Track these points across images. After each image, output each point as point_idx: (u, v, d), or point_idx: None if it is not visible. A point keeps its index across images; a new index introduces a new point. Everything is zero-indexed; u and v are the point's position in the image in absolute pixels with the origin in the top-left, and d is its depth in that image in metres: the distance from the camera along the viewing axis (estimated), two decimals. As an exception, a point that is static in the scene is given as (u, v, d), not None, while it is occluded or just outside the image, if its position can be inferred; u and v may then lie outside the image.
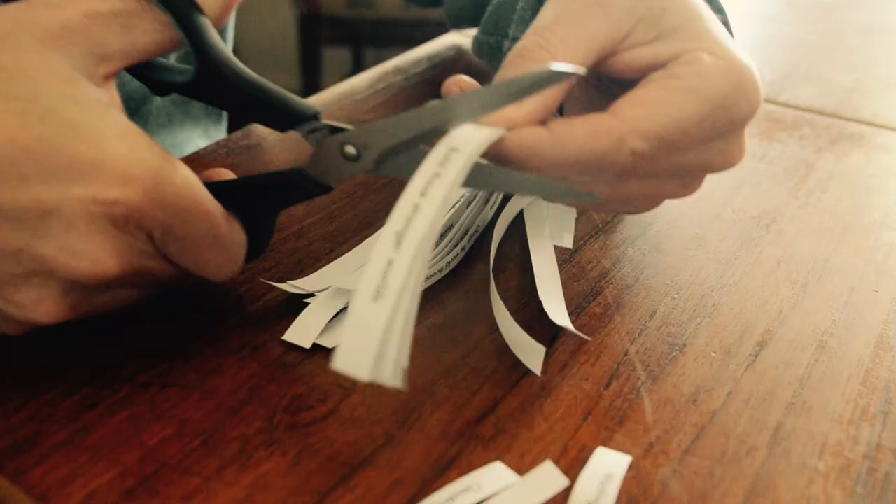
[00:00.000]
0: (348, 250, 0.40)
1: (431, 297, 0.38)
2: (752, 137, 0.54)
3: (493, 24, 0.49)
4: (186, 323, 0.34)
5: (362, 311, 0.25)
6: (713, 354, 0.35)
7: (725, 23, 0.37)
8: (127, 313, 0.33)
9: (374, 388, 0.32)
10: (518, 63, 0.31)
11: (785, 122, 0.57)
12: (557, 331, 0.36)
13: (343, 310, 0.36)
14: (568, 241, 0.40)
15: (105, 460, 0.28)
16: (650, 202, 0.35)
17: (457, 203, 0.44)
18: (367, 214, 0.43)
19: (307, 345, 0.34)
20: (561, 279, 0.39)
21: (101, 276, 0.28)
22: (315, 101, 0.57)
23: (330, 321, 0.35)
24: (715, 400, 0.33)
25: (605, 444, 0.30)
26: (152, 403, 0.31)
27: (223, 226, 0.30)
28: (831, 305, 0.39)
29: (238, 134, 0.51)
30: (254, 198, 0.32)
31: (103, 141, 0.27)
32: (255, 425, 0.30)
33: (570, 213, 0.41)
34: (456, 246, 0.40)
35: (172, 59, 0.33)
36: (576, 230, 0.43)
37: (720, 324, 0.37)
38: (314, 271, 0.38)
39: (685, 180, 0.34)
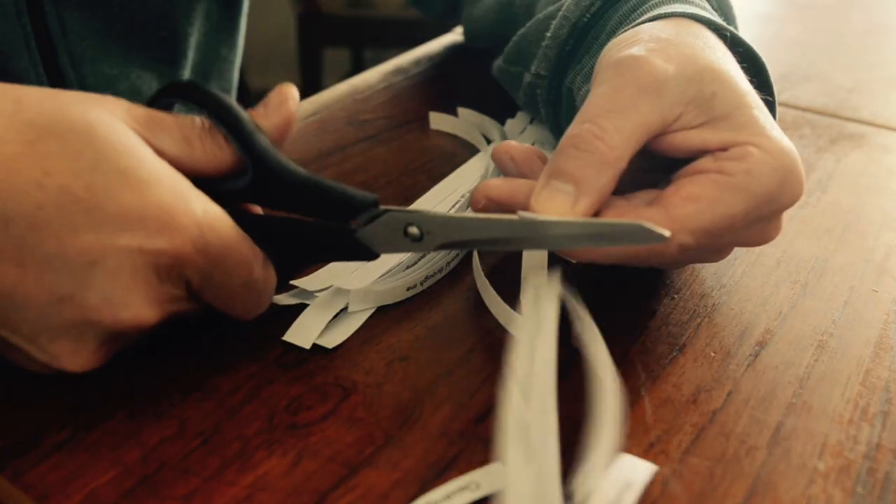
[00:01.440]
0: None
1: (431, 297, 0.38)
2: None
3: (516, 55, 0.49)
4: (186, 323, 0.34)
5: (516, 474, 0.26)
6: (713, 354, 0.35)
7: (772, 102, 0.38)
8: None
9: (374, 388, 0.32)
10: (574, 154, 0.31)
11: (785, 122, 0.57)
12: (559, 331, 0.35)
13: (343, 310, 0.36)
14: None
15: (105, 460, 0.28)
16: (679, 265, 0.37)
17: (457, 203, 0.44)
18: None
19: (307, 345, 0.34)
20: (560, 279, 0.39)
21: (140, 326, 0.28)
22: (315, 100, 0.57)
23: (330, 321, 0.35)
24: (715, 400, 0.33)
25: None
26: (152, 403, 0.31)
27: (259, 272, 0.31)
28: (831, 305, 0.39)
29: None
30: (295, 243, 0.32)
31: (151, 190, 0.27)
32: (255, 425, 0.30)
33: None
34: (456, 246, 0.40)
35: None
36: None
37: (720, 324, 0.37)
38: (314, 271, 0.38)
39: (719, 252, 0.36)
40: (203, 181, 0.31)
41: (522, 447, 0.27)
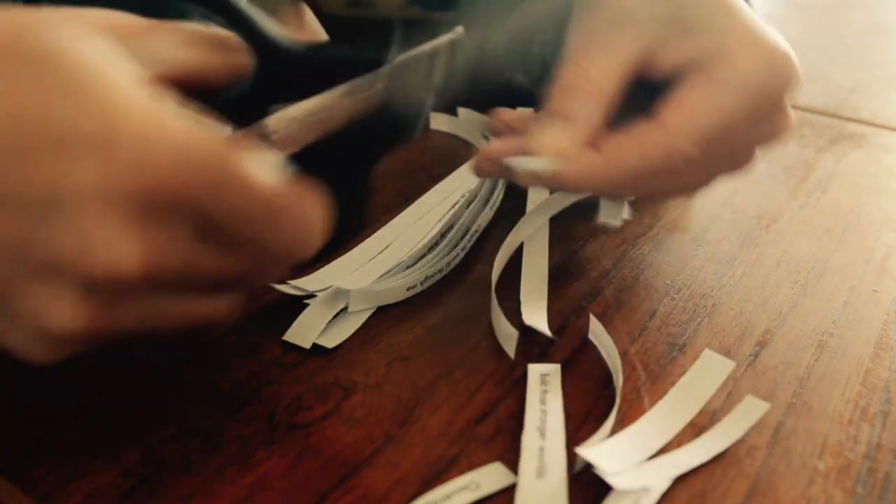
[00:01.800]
0: (348, 250, 0.40)
1: (431, 297, 0.38)
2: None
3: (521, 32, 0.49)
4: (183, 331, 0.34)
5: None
6: (713, 354, 0.35)
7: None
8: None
9: (374, 388, 0.32)
10: (559, 93, 0.32)
11: (785, 122, 0.57)
12: (559, 331, 0.36)
13: (343, 310, 0.36)
14: (618, 220, 0.42)
15: (105, 460, 0.28)
16: (704, 184, 0.36)
17: (457, 203, 0.44)
18: (367, 214, 0.43)
19: (307, 345, 0.34)
20: (561, 279, 0.39)
21: (121, 273, 0.23)
22: (314, 101, 0.56)
23: (330, 321, 0.35)
24: (715, 400, 0.33)
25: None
26: (153, 403, 0.31)
27: (282, 192, 0.24)
28: (831, 305, 0.39)
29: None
30: (332, 149, 0.29)
31: (120, 116, 0.23)
32: (255, 425, 0.30)
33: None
34: (456, 246, 0.40)
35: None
36: (577, 230, 0.43)
37: (720, 324, 0.37)
38: (314, 271, 0.38)
39: (737, 159, 0.35)
40: (207, 95, 0.27)
41: (535, 464, 0.28)
